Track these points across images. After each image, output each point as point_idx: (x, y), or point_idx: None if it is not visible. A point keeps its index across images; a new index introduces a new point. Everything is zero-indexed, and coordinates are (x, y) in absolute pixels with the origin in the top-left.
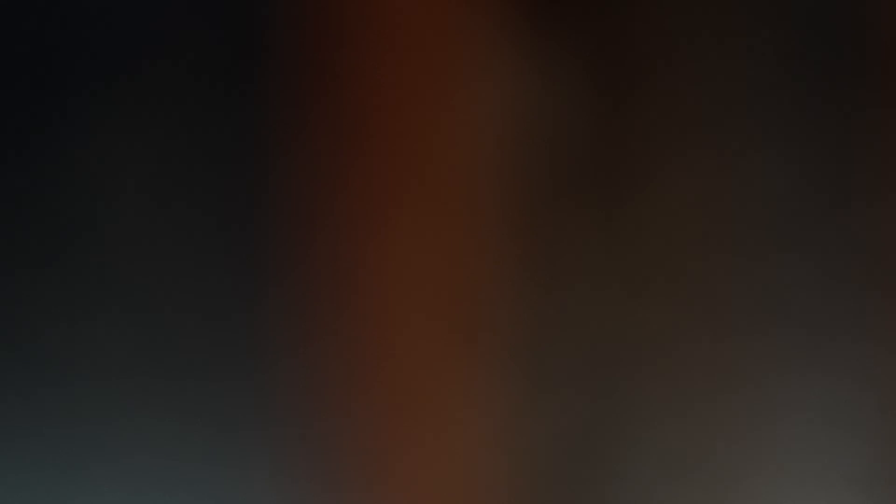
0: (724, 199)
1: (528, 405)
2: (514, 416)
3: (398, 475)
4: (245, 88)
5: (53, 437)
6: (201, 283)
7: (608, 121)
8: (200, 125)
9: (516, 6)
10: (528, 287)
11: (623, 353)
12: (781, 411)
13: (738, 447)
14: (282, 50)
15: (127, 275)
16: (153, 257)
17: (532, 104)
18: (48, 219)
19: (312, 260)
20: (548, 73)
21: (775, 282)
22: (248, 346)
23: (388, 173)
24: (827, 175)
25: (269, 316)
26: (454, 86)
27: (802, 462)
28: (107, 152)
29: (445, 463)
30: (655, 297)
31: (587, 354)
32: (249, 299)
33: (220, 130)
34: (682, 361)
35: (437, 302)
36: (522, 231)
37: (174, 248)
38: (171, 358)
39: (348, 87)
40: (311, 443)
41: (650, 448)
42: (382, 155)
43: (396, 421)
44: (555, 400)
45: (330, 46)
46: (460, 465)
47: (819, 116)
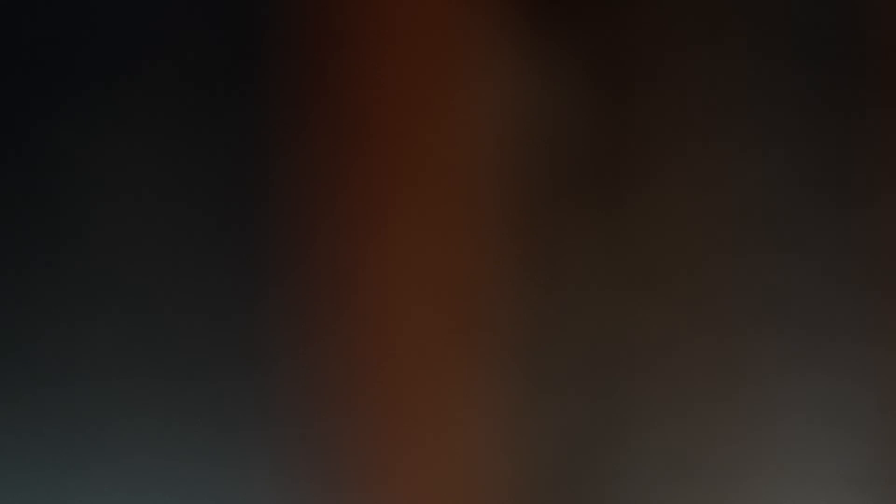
0: (724, 199)
1: (528, 405)
2: (514, 416)
3: (398, 475)
4: (245, 88)
5: (53, 437)
6: (201, 283)
7: (608, 121)
8: (200, 125)
9: (516, 6)
10: (528, 287)
11: (623, 353)
12: (781, 411)
13: (738, 447)
14: (282, 50)
15: (127, 275)
16: (153, 257)
17: (532, 104)
18: (48, 219)
19: (312, 260)
20: (548, 73)
21: (775, 282)
22: (248, 346)
23: (388, 173)
24: (827, 175)
25: (269, 316)
26: (454, 86)
27: (802, 462)
28: (107, 152)
29: (445, 463)
30: (655, 297)
31: (587, 354)
32: (249, 299)
33: (220, 130)
34: (682, 361)
35: (436, 302)
36: (522, 231)
37: (174, 249)
38: (171, 358)
39: (348, 87)
40: (311, 443)
41: (650, 448)
42: (382, 155)
43: (396, 421)
44: (555, 400)
45: (330, 46)
46: (460, 465)
47: (819, 116)
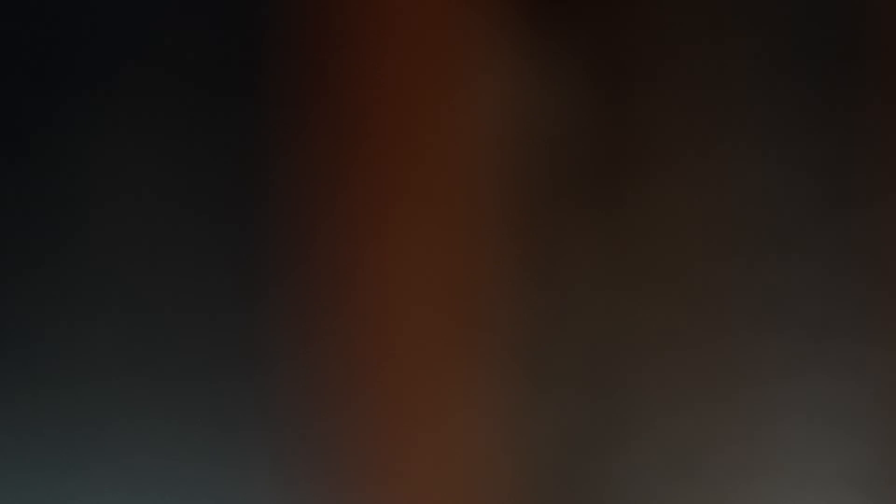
0: (724, 199)
1: (528, 405)
2: (514, 416)
3: (398, 475)
4: (245, 88)
5: (53, 437)
6: (201, 283)
7: (608, 121)
8: (200, 125)
9: (516, 6)
10: (528, 287)
11: (623, 352)
12: (781, 411)
13: (738, 447)
14: (282, 50)
15: (127, 275)
16: (153, 257)
17: (532, 104)
18: (48, 219)
19: (312, 260)
20: (548, 73)
21: (775, 282)
22: (248, 347)
23: (388, 173)
24: (827, 175)
25: (269, 316)
26: (454, 85)
27: (802, 462)
28: (107, 152)
29: (445, 463)
30: (655, 297)
31: (587, 354)
32: (249, 299)
33: (220, 130)
34: (683, 361)
35: (436, 302)
36: (522, 231)
37: (174, 249)
38: (171, 358)
39: (348, 87)
40: (311, 443)
41: (650, 448)
42: (382, 155)
43: (396, 421)
44: (555, 400)
45: (330, 46)
46: (460, 465)
47: (819, 116)
